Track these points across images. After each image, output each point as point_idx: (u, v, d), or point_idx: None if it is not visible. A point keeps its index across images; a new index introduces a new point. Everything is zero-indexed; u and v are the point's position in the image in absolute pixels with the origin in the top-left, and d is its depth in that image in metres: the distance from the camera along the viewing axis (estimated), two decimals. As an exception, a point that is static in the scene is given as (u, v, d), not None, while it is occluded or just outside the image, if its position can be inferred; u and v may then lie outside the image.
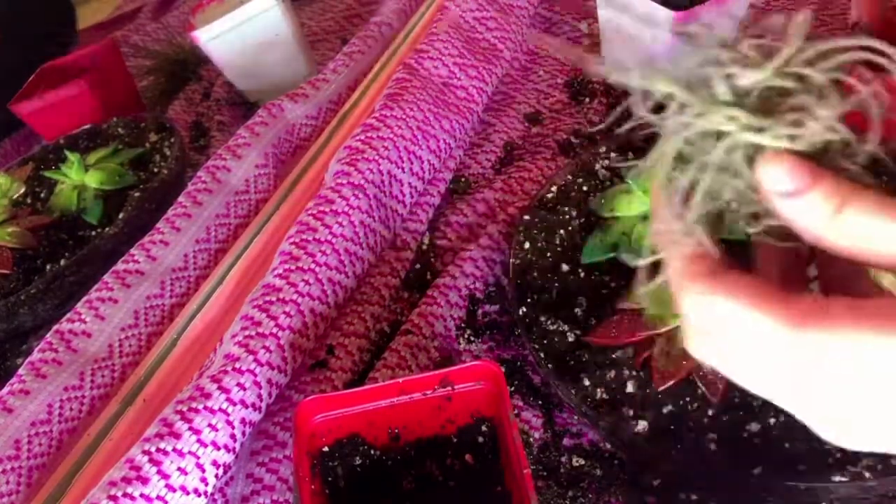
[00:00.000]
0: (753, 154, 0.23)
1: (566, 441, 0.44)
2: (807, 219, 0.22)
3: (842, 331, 0.21)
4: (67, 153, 0.68)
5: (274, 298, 0.46)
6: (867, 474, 0.34)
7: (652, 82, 0.24)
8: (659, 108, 0.25)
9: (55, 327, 0.53)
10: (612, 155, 0.55)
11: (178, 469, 0.38)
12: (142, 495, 0.36)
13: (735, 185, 0.24)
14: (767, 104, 0.23)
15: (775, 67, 0.23)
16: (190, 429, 0.39)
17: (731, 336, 0.23)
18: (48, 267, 0.61)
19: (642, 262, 0.26)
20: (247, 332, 0.44)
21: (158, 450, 0.38)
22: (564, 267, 0.48)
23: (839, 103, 0.22)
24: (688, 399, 0.39)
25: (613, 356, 0.42)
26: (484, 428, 0.41)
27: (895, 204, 0.21)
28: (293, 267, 0.48)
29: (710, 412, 0.38)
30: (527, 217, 0.52)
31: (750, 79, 0.23)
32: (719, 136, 0.24)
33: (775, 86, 0.23)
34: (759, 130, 0.23)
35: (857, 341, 0.21)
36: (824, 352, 0.21)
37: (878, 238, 0.22)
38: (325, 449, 0.41)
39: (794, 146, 0.23)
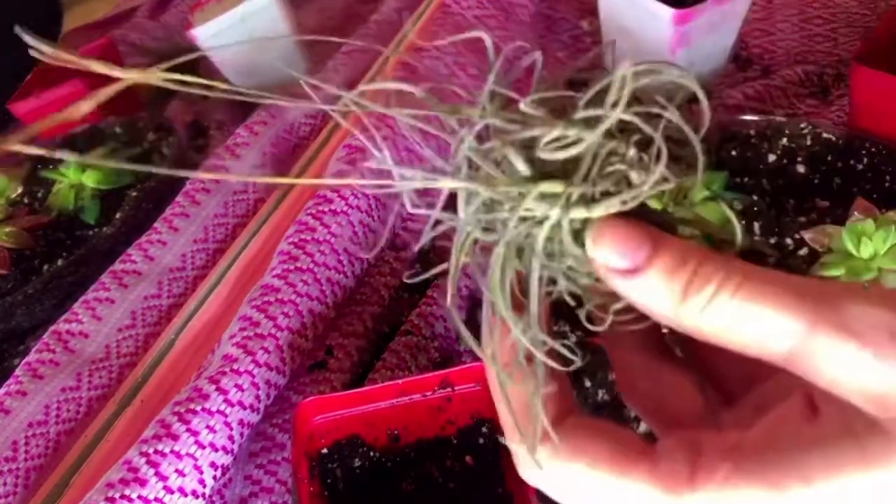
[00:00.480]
0: (581, 228, 0.19)
1: (567, 442, 0.44)
2: (652, 301, 0.18)
3: (721, 492, 0.17)
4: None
5: (272, 299, 0.46)
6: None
7: (437, 184, 0.20)
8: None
9: (52, 328, 0.52)
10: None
11: (176, 471, 0.38)
12: (140, 497, 0.36)
13: (570, 276, 0.20)
14: (567, 167, 0.19)
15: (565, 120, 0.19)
16: (188, 430, 0.39)
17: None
18: (45, 267, 0.61)
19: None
20: (245, 333, 0.44)
21: (156, 451, 0.38)
22: (565, 267, 0.48)
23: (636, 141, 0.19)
24: (690, 400, 0.39)
25: (615, 357, 0.42)
26: (484, 429, 0.41)
27: (762, 280, 0.17)
28: (292, 267, 0.48)
29: (712, 413, 0.38)
30: (527, 216, 0.52)
31: (545, 138, 0.18)
32: (528, 220, 0.19)
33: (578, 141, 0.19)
34: (588, 201, 0.19)
35: (739, 501, 0.17)
36: None
37: (738, 323, 0.17)
38: (325, 450, 0.41)
39: (624, 208, 0.18)
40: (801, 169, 0.51)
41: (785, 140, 0.52)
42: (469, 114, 0.19)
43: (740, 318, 0.17)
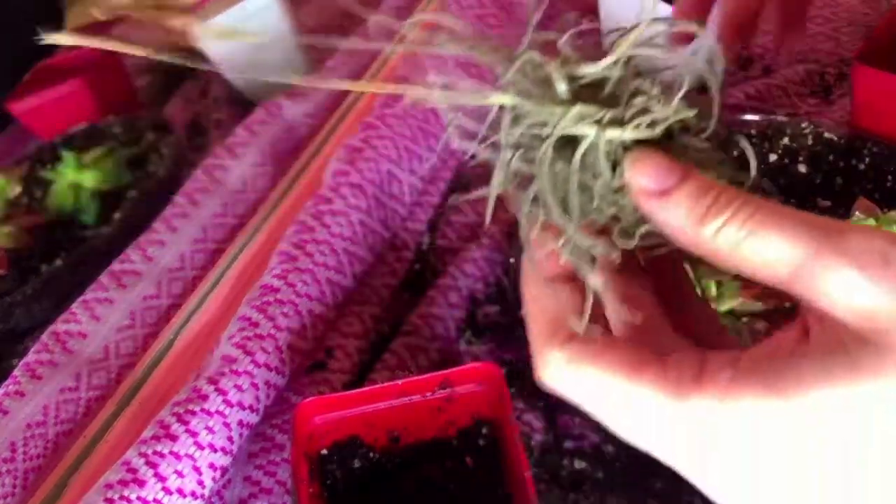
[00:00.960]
0: (617, 155, 0.22)
1: (568, 444, 0.43)
2: (676, 222, 0.21)
3: (724, 396, 0.19)
4: (63, 152, 0.67)
5: (272, 299, 0.46)
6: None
7: (487, 99, 0.22)
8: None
9: (50, 328, 0.52)
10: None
11: (175, 472, 0.38)
12: (138, 498, 0.36)
13: (602, 196, 0.22)
14: (605, 99, 0.22)
15: (615, 56, 0.22)
16: (187, 431, 0.39)
17: (606, 409, 0.21)
18: (44, 267, 0.61)
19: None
20: (244, 334, 0.44)
21: (155, 452, 0.38)
22: (566, 267, 0.48)
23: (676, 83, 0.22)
24: (691, 401, 0.39)
25: (616, 357, 0.42)
26: (484, 430, 0.41)
27: (773, 211, 0.20)
28: (291, 267, 0.48)
29: (713, 414, 0.38)
30: (527, 216, 0.52)
31: (591, 70, 0.22)
32: (567, 143, 0.22)
33: (606, 79, 0.22)
34: (619, 124, 0.21)
35: (742, 406, 0.19)
36: (711, 421, 0.19)
37: (749, 245, 0.20)
38: (324, 451, 0.41)
39: (652, 134, 0.22)
40: (802, 169, 0.51)
41: (786, 140, 0.52)
42: (512, 53, 0.23)
43: (751, 241, 0.20)
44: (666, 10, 0.55)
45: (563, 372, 0.22)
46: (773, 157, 0.52)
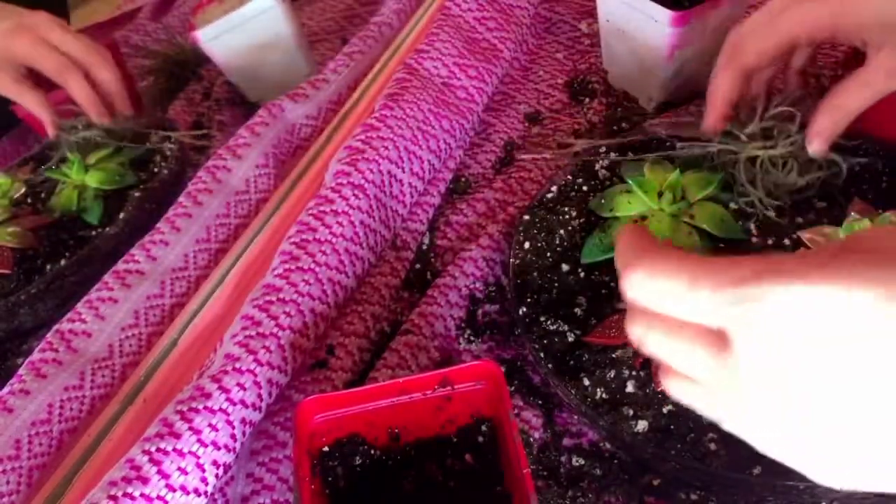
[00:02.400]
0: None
1: (566, 441, 0.44)
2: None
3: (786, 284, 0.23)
4: (68, 153, 0.68)
5: (274, 298, 0.46)
6: (867, 474, 0.34)
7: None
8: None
9: (55, 327, 0.53)
10: (612, 155, 0.55)
11: (179, 469, 0.38)
12: (142, 495, 0.36)
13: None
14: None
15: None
16: (190, 429, 0.39)
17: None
18: (48, 267, 0.61)
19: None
20: (247, 332, 0.44)
21: (158, 450, 0.38)
22: (564, 267, 0.48)
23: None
24: (687, 399, 0.39)
25: (613, 356, 0.42)
26: (484, 428, 0.41)
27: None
28: (293, 267, 0.48)
29: (709, 412, 0.38)
30: (527, 217, 0.52)
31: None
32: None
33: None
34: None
35: (803, 295, 0.23)
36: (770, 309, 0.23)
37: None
38: (325, 449, 0.41)
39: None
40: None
41: (783, 141, 0.52)
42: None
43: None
44: (663, 12, 0.55)
45: (642, 275, 0.27)
46: (769, 159, 0.52)
